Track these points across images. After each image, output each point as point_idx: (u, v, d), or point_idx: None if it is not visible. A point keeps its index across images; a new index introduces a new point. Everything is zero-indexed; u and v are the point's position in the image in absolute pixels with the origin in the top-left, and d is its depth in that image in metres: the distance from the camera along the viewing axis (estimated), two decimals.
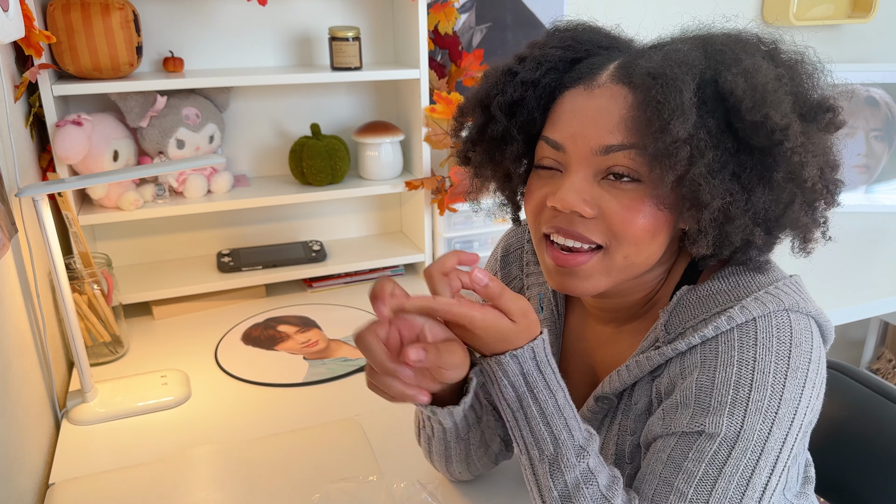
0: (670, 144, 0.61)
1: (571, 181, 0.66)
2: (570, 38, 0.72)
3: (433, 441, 0.83)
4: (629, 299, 0.76)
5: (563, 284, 0.70)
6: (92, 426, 1.09)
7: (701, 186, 0.62)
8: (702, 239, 0.66)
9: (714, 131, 0.62)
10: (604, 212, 0.66)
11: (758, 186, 0.64)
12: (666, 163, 0.62)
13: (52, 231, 1.04)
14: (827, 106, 0.65)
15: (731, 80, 0.62)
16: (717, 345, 0.66)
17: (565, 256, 0.68)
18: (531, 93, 0.70)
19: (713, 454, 0.63)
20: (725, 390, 0.64)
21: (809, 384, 0.65)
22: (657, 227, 0.66)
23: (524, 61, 0.71)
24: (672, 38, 0.70)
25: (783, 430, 0.64)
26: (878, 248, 1.77)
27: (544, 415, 0.64)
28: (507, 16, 1.70)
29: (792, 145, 0.61)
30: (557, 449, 0.64)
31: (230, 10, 1.46)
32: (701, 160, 0.61)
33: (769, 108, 0.61)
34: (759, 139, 0.62)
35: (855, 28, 2.10)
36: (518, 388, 0.64)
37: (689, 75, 0.62)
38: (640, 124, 0.63)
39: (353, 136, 1.56)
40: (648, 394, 0.72)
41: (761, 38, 0.68)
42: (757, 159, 0.63)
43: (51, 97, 1.25)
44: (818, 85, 0.66)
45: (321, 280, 1.58)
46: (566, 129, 0.67)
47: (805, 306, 0.67)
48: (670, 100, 0.61)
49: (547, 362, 0.65)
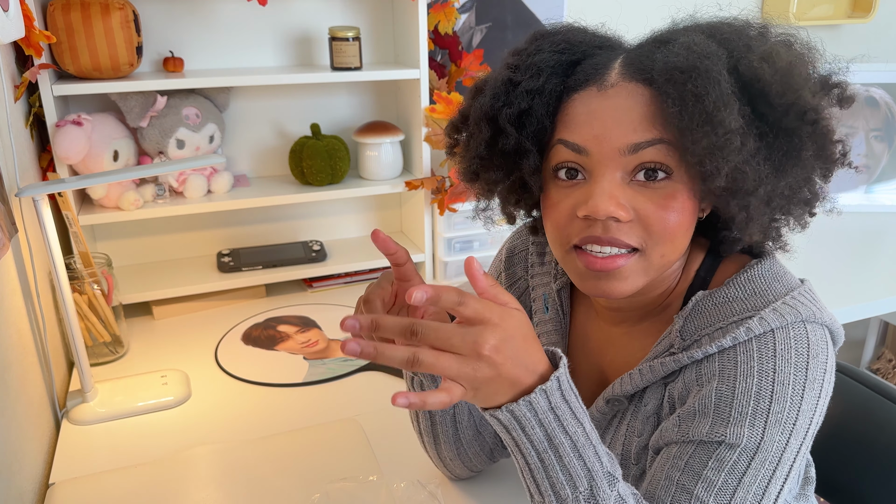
0: (723, 136, 0.60)
1: (602, 186, 0.64)
2: (563, 42, 0.70)
3: (420, 417, 0.82)
4: (645, 298, 0.75)
5: (598, 288, 0.68)
6: (92, 426, 1.09)
7: (747, 174, 0.62)
8: (753, 225, 0.66)
9: (748, 118, 0.62)
10: (639, 214, 0.65)
11: (787, 166, 0.64)
12: (719, 154, 0.61)
13: (52, 231, 1.04)
14: (833, 82, 0.66)
15: (756, 66, 0.62)
16: (736, 355, 0.66)
17: (602, 261, 0.66)
18: (538, 101, 0.68)
19: (733, 464, 0.63)
20: (746, 401, 0.64)
21: (824, 394, 0.66)
22: (689, 220, 0.67)
23: (518, 70, 0.70)
24: (670, 31, 0.69)
25: (799, 439, 0.64)
26: (878, 248, 1.77)
27: (576, 448, 0.58)
28: (507, 16, 1.70)
29: (826, 123, 0.62)
30: (592, 482, 0.59)
31: (230, 10, 1.46)
32: (744, 148, 0.61)
33: (799, 89, 0.61)
34: (790, 121, 0.62)
35: (855, 28, 2.10)
36: (547, 426, 0.58)
37: (718, 65, 0.62)
38: (674, 119, 0.62)
39: (353, 136, 1.56)
40: (660, 397, 0.72)
41: (750, 22, 0.68)
42: (783, 140, 0.63)
43: (51, 97, 1.25)
44: (814, 62, 0.67)
45: (321, 280, 1.58)
46: (587, 132, 0.65)
47: (821, 316, 0.68)
48: (711, 91, 0.60)
49: (570, 388, 0.60)
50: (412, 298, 0.54)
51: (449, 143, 0.79)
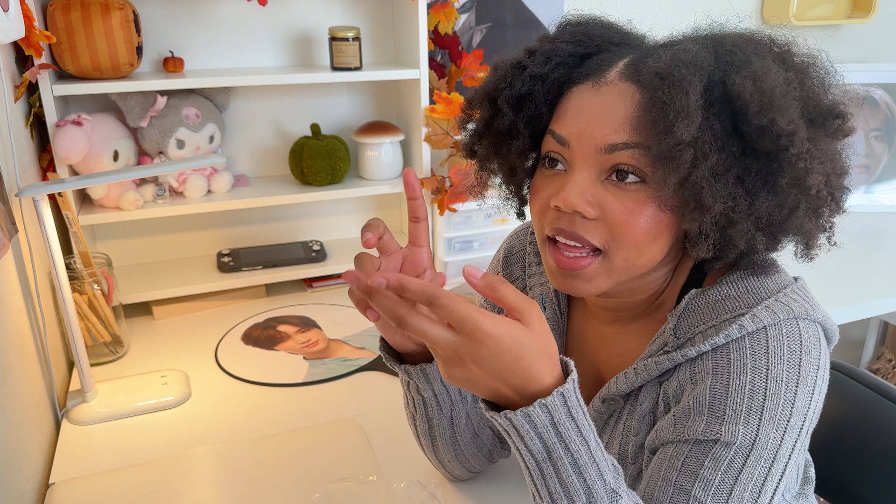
0: (674, 146, 0.60)
1: (575, 180, 0.66)
2: (581, 34, 0.71)
3: (417, 419, 0.82)
4: (633, 299, 0.76)
5: (565, 285, 0.70)
6: (92, 426, 1.09)
7: (703, 189, 0.61)
8: (702, 242, 0.65)
9: (720, 134, 0.62)
10: (605, 213, 0.65)
11: (762, 191, 0.63)
12: (669, 165, 0.61)
13: (52, 231, 1.04)
14: (836, 112, 0.65)
15: (739, 82, 0.61)
16: (729, 352, 0.66)
17: (568, 260, 0.68)
18: (539, 87, 0.69)
19: (729, 462, 0.63)
20: (740, 399, 0.64)
21: (817, 391, 0.66)
22: (658, 229, 0.66)
23: (534, 55, 0.71)
24: (684, 37, 0.69)
25: (793, 436, 0.64)
26: (878, 248, 1.77)
27: (577, 465, 0.57)
28: (507, 16, 1.70)
29: (797, 151, 0.61)
30: (591, 499, 0.57)
31: (230, 10, 1.46)
32: (704, 163, 0.61)
33: (776, 112, 0.60)
34: (765, 144, 0.62)
35: (855, 28, 2.10)
36: (547, 440, 0.56)
37: (696, 77, 0.61)
38: (646, 124, 0.63)
39: (353, 136, 1.56)
40: (655, 396, 0.72)
41: (774, 39, 0.67)
42: (762, 164, 0.63)
43: (51, 97, 1.25)
44: (829, 90, 0.66)
45: (321, 280, 1.58)
46: (572, 126, 0.67)
47: (813, 313, 0.68)
48: (676, 101, 0.60)
49: (578, 406, 0.57)
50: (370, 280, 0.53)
51: (462, 118, 0.80)
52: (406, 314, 0.54)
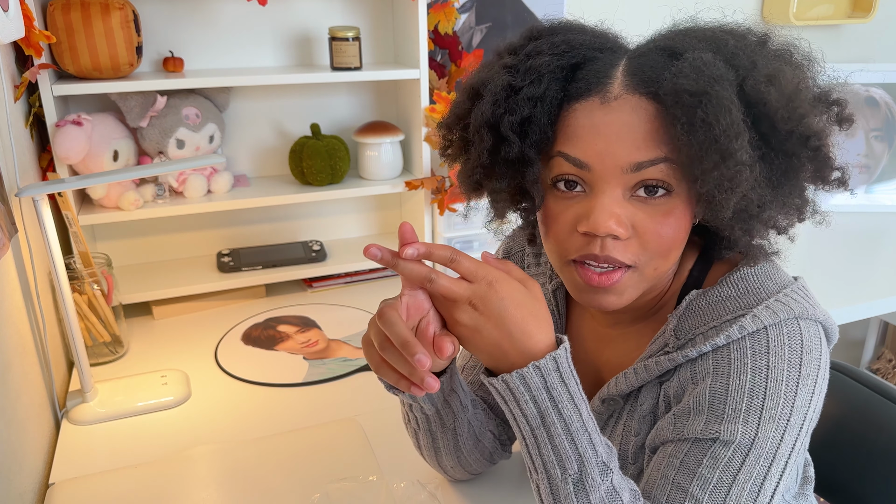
0: (734, 168, 0.60)
1: (603, 203, 0.63)
2: (563, 43, 0.67)
3: (420, 434, 0.82)
4: (640, 301, 0.75)
5: (594, 301, 0.68)
6: (92, 426, 1.09)
7: (752, 200, 0.62)
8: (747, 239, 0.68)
9: (755, 142, 0.61)
10: (637, 230, 0.65)
11: (784, 184, 0.64)
12: (728, 185, 0.60)
13: (52, 231, 1.04)
14: (832, 99, 0.65)
15: (763, 90, 0.60)
16: (730, 352, 0.66)
17: (599, 276, 0.66)
18: (539, 108, 0.66)
19: (727, 461, 0.63)
20: (740, 398, 0.64)
21: (818, 390, 0.66)
22: (684, 234, 0.67)
23: (517, 73, 0.67)
24: (672, 36, 0.67)
25: (793, 436, 0.64)
26: (878, 248, 1.77)
27: (569, 431, 0.60)
28: (507, 16, 1.70)
29: (827, 150, 0.62)
30: (582, 467, 0.60)
31: (230, 10, 1.46)
32: (751, 174, 0.61)
33: (805, 115, 0.60)
34: (793, 145, 0.62)
35: (855, 28, 2.10)
36: (541, 404, 0.60)
37: (729, 91, 0.60)
38: (675, 140, 0.61)
39: (353, 136, 1.56)
40: (655, 396, 0.72)
41: (752, 29, 0.67)
42: (783, 160, 0.63)
43: (51, 97, 1.25)
44: (815, 77, 0.66)
45: (321, 280, 1.58)
46: (590, 147, 0.64)
47: (814, 312, 0.68)
48: (721, 120, 0.59)
49: (570, 373, 0.61)
50: (404, 253, 0.61)
51: (443, 143, 0.76)
52: (433, 275, 0.61)
